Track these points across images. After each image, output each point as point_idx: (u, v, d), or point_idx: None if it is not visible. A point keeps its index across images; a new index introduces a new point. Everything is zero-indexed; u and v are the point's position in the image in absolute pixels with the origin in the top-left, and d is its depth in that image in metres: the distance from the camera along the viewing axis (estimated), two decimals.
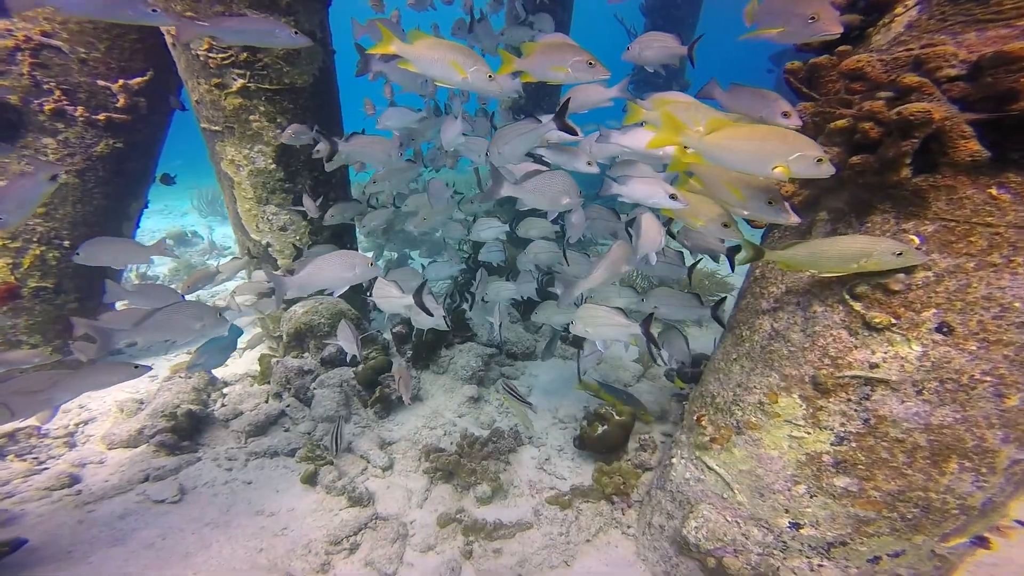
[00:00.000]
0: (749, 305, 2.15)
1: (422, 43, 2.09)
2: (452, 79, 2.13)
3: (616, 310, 2.41)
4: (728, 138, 1.69)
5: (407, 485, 3.05)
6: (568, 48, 2.19)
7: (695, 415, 2.22)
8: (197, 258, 8.69)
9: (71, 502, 2.93)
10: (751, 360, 2.04)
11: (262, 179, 4.04)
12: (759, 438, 1.93)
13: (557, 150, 2.82)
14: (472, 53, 2.11)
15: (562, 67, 2.17)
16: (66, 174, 3.76)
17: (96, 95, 3.73)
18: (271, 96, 3.73)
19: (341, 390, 3.79)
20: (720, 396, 2.13)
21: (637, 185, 2.38)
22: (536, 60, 2.21)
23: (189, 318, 2.51)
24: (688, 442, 2.25)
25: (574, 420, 3.63)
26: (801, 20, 1.67)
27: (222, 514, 2.86)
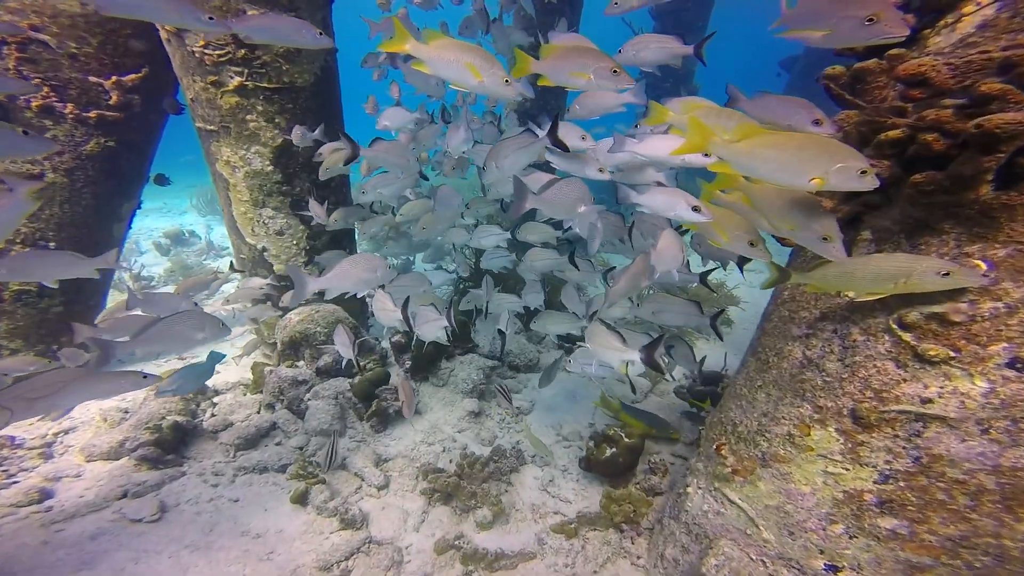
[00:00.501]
0: (776, 329, 1.99)
1: (437, 43, 1.98)
2: (467, 82, 2.02)
3: (616, 333, 2.32)
4: (760, 146, 1.54)
5: (403, 506, 2.88)
6: (590, 53, 2.06)
7: (714, 444, 2.06)
8: (194, 258, 8.55)
9: (38, 520, 2.74)
10: (779, 388, 1.88)
11: (259, 181, 3.90)
12: (788, 472, 1.77)
13: (566, 157, 2.70)
14: (488, 55, 2.01)
15: (583, 73, 2.04)
16: (54, 173, 3.61)
17: (87, 92, 3.59)
18: (270, 95, 3.60)
19: (336, 402, 3.63)
20: (743, 425, 1.98)
21: (657, 195, 2.26)
22: (555, 64, 2.09)
23: (191, 328, 2.42)
24: (706, 471, 2.09)
25: (579, 438, 3.46)
26: (855, 22, 1.50)
27: (204, 535, 2.69)
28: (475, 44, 2.05)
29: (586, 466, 2.96)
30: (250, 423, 3.51)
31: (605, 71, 2.03)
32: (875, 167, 1.38)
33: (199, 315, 2.43)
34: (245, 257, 4.40)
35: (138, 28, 3.63)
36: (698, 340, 4.88)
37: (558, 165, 2.78)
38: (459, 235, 3.90)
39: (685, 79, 10.24)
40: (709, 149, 1.68)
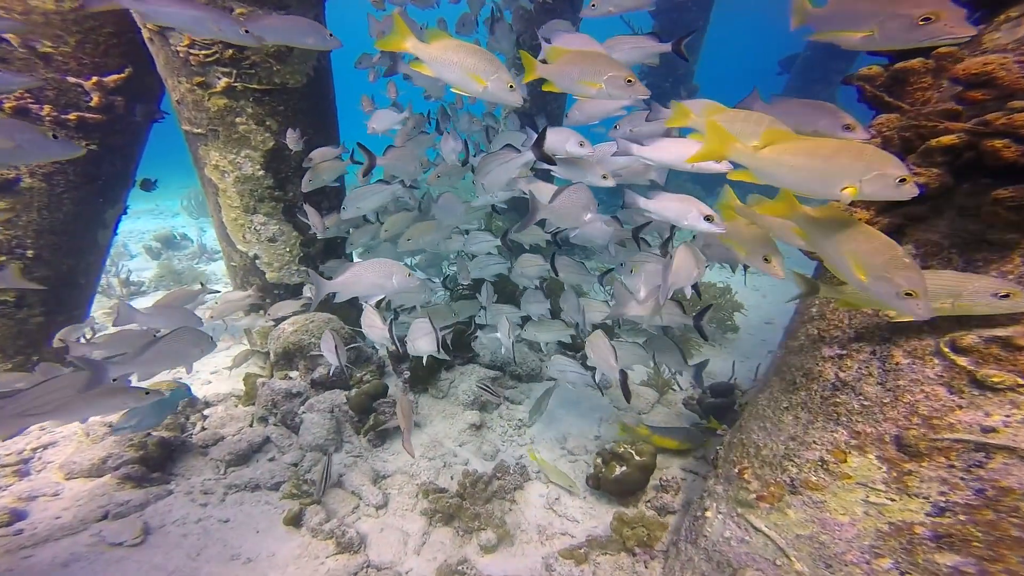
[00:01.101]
0: (804, 348, 1.88)
1: (440, 44, 1.86)
2: (470, 87, 1.90)
3: (611, 348, 2.38)
4: (787, 153, 1.42)
5: (403, 527, 2.74)
6: (602, 60, 1.95)
7: (736, 467, 1.94)
8: (186, 262, 8.37)
9: (3, 546, 2.57)
10: (809, 412, 1.77)
11: (249, 186, 3.75)
12: (822, 500, 1.65)
13: (567, 163, 2.60)
14: (493, 59, 1.90)
15: (594, 82, 1.93)
16: (31, 177, 3.45)
17: (66, 93, 3.43)
18: (260, 97, 3.45)
19: (332, 416, 3.49)
20: (768, 448, 1.86)
21: (667, 202, 2.15)
22: (563, 69, 1.97)
23: (187, 345, 2.32)
24: (726, 495, 1.97)
25: (585, 451, 3.34)
26: (905, 21, 1.36)
27: (190, 560, 2.54)
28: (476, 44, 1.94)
29: (594, 484, 2.84)
30: (242, 438, 3.36)
31: (618, 80, 1.93)
32: (921, 175, 1.26)
33: (192, 331, 2.32)
34: (236, 265, 4.25)
35: (119, 26, 3.47)
36: (702, 347, 4.78)
37: (559, 172, 2.67)
38: (458, 242, 3.78)
39: (684, 79, 10.15)
40: (730, 156, 1.57)
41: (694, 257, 2.05)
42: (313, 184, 3.46)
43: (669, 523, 2.58)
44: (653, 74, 10.03)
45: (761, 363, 4.06)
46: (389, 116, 3.82)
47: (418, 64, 1.89)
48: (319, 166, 3.39)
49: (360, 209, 3.28)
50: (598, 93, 1.96)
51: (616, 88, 1.93)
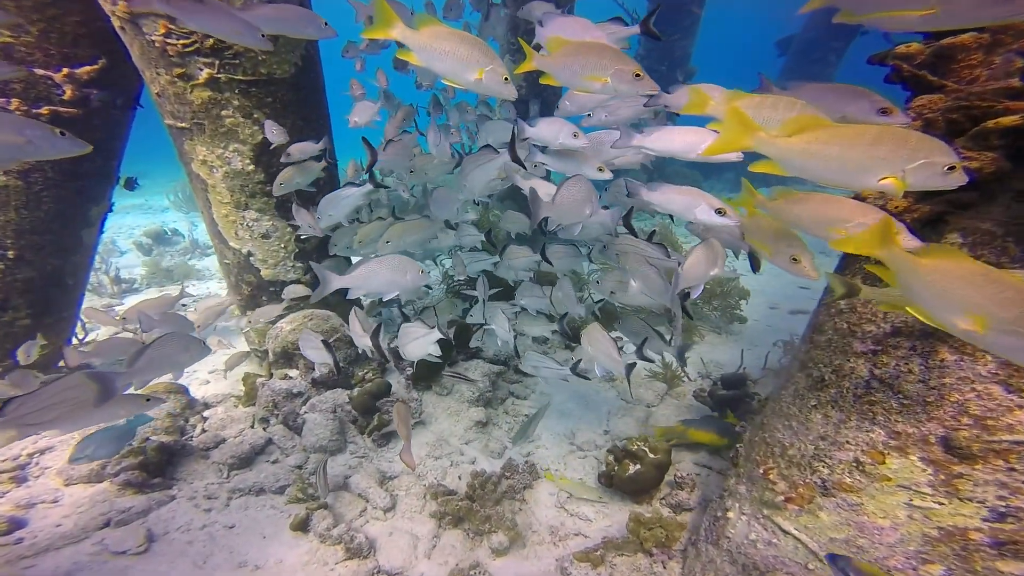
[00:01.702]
0: (832, 343, 1.80)
1: (430, 31, 1.72)
2: (463, 78, 1.77)
3: (612, 341, 2.30)
4: (819, 141, 1.31)
5: (412, 530, 2.69)
6: (608, 53, 1.80)
7: (760, 467, 1.89)
8: (178, 258, 8.21)
9: (3, 555, 2.51)
10: (840, 410, 1.70)
11: (239, 182, 3.62)
12: (859, 503, 1.60)
13: (561, 156, 2.50)
14: (487, 48, 1.77)
15: (600, 76, 1.80)
16: (5, 175, 3.29)
17: (35, 86, 3.24)
18: (246, 88, 3.30)
19: (335, 416, 3.42)
20: (795, 448, 1.80)
21: (672, 194, 2.05)
22: (566, 61, 1.84)
23: (179, 350, 2.23)
24: (750, 496, 1.92)
25: (594, 447, 3.29)
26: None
27: (196, 568, 2.48)
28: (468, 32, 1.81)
29: (606, 482, 2.79)
30: (243, 440, 3.29)
31: (626, 75, 1.79)
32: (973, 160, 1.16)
33: (181, 336, 2.23)
34: (229, 262, 4.13)
35: (87, 15, 3.27)
36: (708, 333, 4.72)
37: (552, 166, 2.56)
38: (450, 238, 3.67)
39: (681, 61, 9.94)
40: (753, 146, 1.47)
41: (712, 255, 1.97)
42: (284, 189, 3.28)
43: (686, 521, 2.54)
44: (649, 57, 9.82)
45: (770, 352, 4.01)
46: (369, 107, 3.70)
47: (406, 53, 1.76)
48: (285, 173, 3.24)
49: (333, 217, 3.15)
50: (603, 88, 1.83)
51: (623, 83, 1.80)
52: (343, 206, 3.12)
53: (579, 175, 2.15)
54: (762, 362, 4.00)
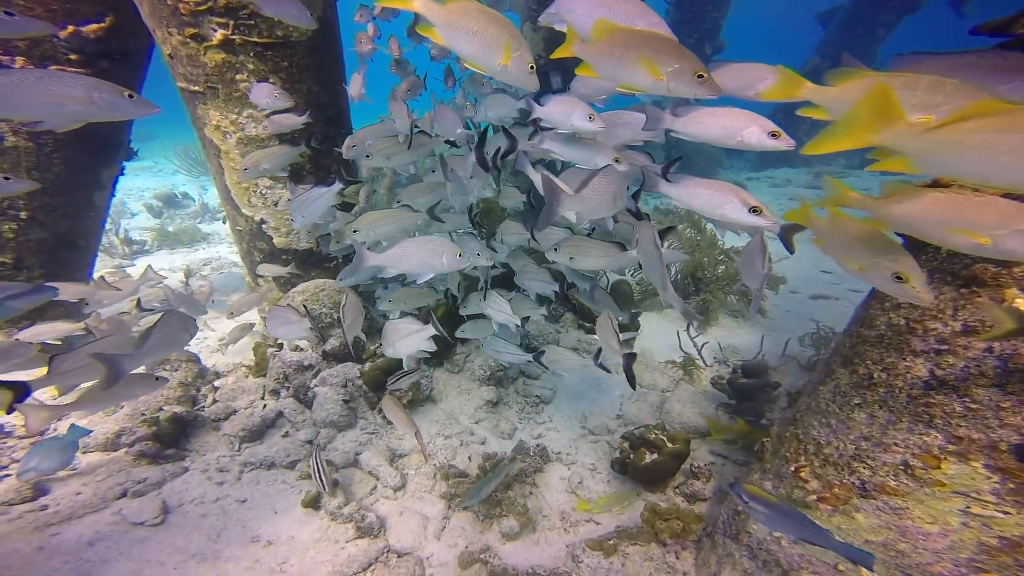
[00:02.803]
0: (884, 339, 1.70)
1: (458, 6, 1.54)
2: (487, 62, 1.60)
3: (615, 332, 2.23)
4: (998, 129, 0.98)
5: (422, 510, 2.70)
6: (669, 47, 1.52)
7: (791, 464, 1.83)
8: (188, 221, 8.17)
9: (32, 522, 2.56)
10: (890, 411, 1.62)
11: (253, 148, 3.51)
12: (903, 507, 1.54)
13: (571, 143, 2.28)
14: (516, 32, 1.59)
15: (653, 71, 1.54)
16: (15, 136, 3.21)
17: (40, 44, 3.13)
18: (261, 51, 3.16)
19: (346, 391, 3.40)
20: (831, 447, 1.73)
21: (696, 189, 1.88)
22: (614, 51, 1.56)
23: (179, 330, 2.17)
24: (777, 493, 1.87)
25: (607, 431, 3.26)
26: None
27: (211, 542, 2.51)
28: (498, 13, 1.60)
29: (619, 469, 2.76)
30: (254, 413, 3.30)
31: (686, 73, 1.50)
32: None
33: (178, 315, 2.18)
34: (242, 229, 4.07)
35: None
36: (725, 318, 4.63)
37: (561, 154, 2.33)
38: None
39: (711, 34, 9.50)
40: (888, 140, 1.14)
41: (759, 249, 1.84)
42: (249, 176, 3.07)
43: (702, 512, 2.51)
44: (677, 30, 9.39)
45: (790, 339, 3.93)
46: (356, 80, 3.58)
47: (427, 28, 1.58)
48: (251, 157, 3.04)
49: (306, 218, 2.98)
50: (653, 86, 1.57)
51: (682, 84, 1.52)
52: (315, 208, 2.94)
53: (610, 166, 1.97)
54: (781, 348, 3.92)
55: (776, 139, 1.65)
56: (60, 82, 1.68)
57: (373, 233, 2.81)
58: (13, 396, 1.83)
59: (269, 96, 3.00)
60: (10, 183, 2.02)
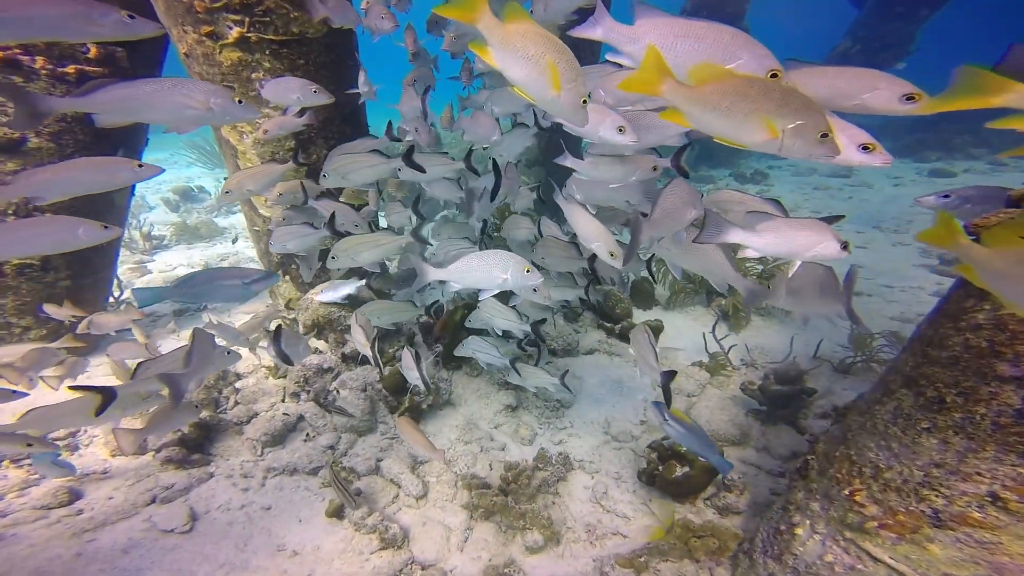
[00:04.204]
0: (961, 361, 1.60)
1: (519, 28, 1.40)
2: (539, 91, 1.47)
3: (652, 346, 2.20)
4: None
5: (444, 520, 2.68)
6: (791, 97, 1.29)
7: (844, 487, 1.75)
8: (205, 215, 8.20)
9: (69, 528, 2.60)
10: (969, 437, 1.52)
11: (270, 148, 3.46)
12: (994, 541, 1.45)
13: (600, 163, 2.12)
14: (575, 62, 1.45)
15: (768, 124, 1.31)
16: (38, 137, 3.19)
17: (57, 43, 3.08)
18: (277, 49, 3.08)
19: (366, 395, 3.39)
20: (893, 471, 1.65)
21: (784, 231, 1.66)
22: (720, 101, 1.33)
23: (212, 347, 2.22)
24: (827, 515, 1.79)
25: (631, 438, 3.20)
26: None
27: (239, 551, 2.52)
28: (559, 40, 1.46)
29: (647, 480, 2.70)
30: (276, 417, 3.30)
31: (809, 133, 1.29)
32: None
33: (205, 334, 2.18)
34: (259, 229, 4.04)
35: None
36: (752, 316, 4.50)
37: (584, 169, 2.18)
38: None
39: (735, 19, 9.15)
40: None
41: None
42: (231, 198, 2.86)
43: (736, 528, 2.45)
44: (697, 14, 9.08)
45: (823, 339, 3.81)
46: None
47: (481, 47, 1.46)
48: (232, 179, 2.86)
49: (288, 248, 2.95)
50: (765, 145, 1.34)
51: (800, 144, 1.31)
52: (297, 244, 2.90)
53: (679, 180, 1.85)
54: (811, 349, 3.80)
55: (869, 153, 1.49)
56: (187, 89, 1.83)
57: (352, 260, 2.72)
58: (103, 400, 1.94)
59: (302, 90, 2.65)
60: None
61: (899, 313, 4.48)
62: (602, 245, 2.09)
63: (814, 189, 9.67)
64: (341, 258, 2.70)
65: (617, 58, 1.59)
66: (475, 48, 1.48)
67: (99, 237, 2.04)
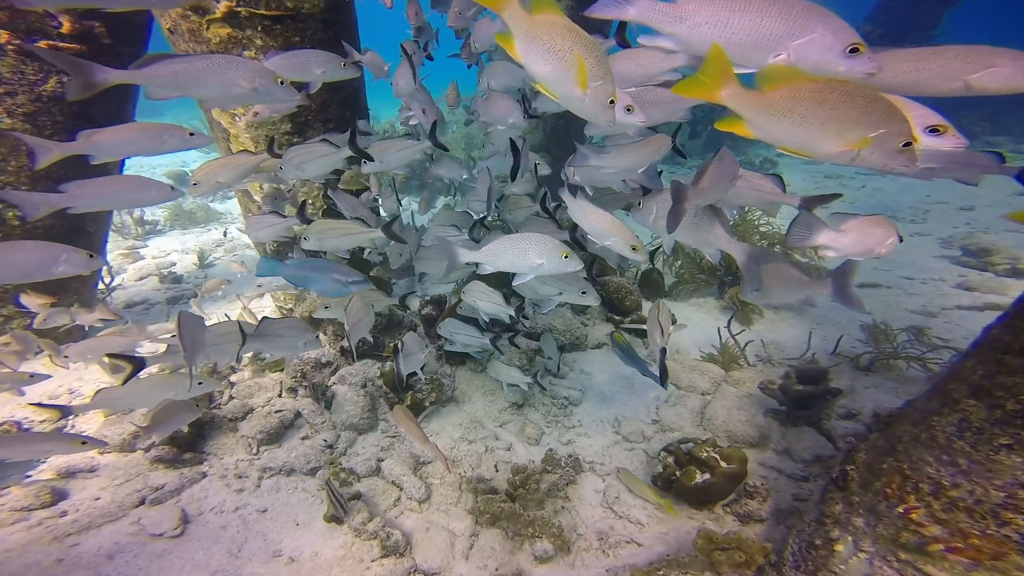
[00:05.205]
0: None
1: (547, 20, 1.29)
2: (564, 89, 1.35)
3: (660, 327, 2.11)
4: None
5: (448, 525, 2.55)
6: (877, 104, 1.14)
7: (896, 503, 1.60)
8: (201, 201, 8.00)
9: (51, 531, 2.47)
10: None
11: (264, 132, 3.26)
12: None
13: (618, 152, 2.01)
14: (603, 59, 1.32)
15: (852, 138, 1.17)
16: (10, 118, 3.00)
17: (25, 16, 2.86)
18: (270, 26, 2.87)
19: (366, 391, 3.24)
20: (961, 489, 1.49)
21: (860, 227, 1.57)
22: (794, 108, 1.18)
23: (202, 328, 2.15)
24: (874, 532, 1.64)
25: (643, 438, 3.06)
26: None
27: (232, 557, 2.39)
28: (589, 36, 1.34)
29: (663, 486, 2.57)
30: (272, 414, 3.16)
31: (890, 141, 1.14)
32: None
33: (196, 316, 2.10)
34: (254, 215, 3.86)
35: None
36: (764, 314, 4.35)
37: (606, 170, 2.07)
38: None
39: None
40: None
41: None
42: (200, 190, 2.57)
43: (759, 535, 2.32)
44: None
45: (843, 335, 3.65)
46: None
47: (506, 38, 1.33)
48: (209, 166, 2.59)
49: (259, 237, 2.91)
50: (841, 156, 1.20)
51: (878, 153, 1.16)
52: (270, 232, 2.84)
53: (726, 149, 1.67)
54: (829, 344, 3.66)
55: (939, 135, 1.33)
56: (235, 67, 1.85)
57: (320, 243, 2.64)
58: (133, 368, 1.99)
59: (328, 63, 2.49)
60: None
61: (921, 307, 4.31)
62: (620, 240, 1.93)
63: (825, 178, 9.45)
64: (311, 240, 2.63)
65: (654, 41, 1.42)
66: (500, 40, 1.35)
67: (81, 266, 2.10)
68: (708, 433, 3.02)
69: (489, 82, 2.80)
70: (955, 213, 6.89)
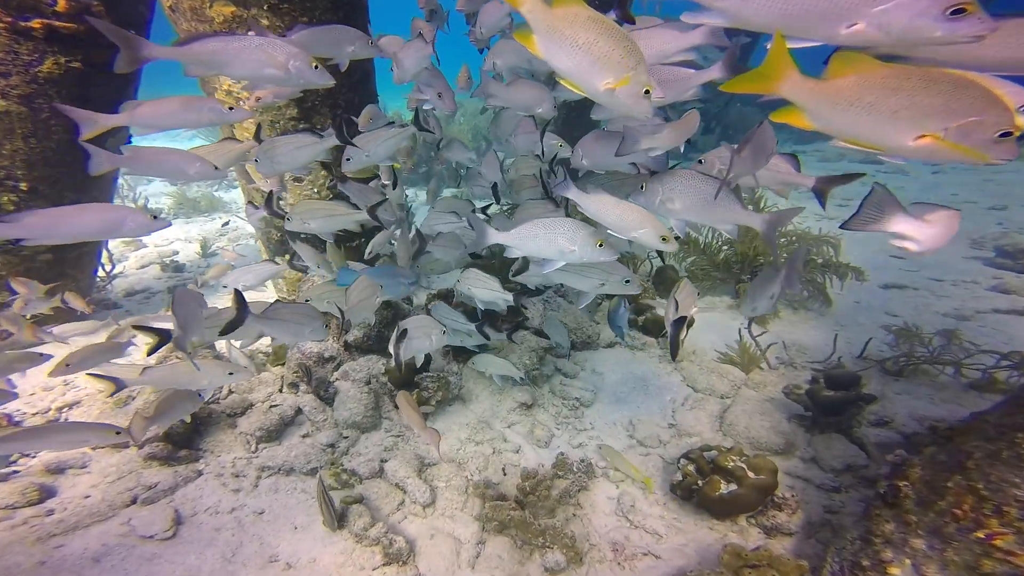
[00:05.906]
0: None
1: (568, 12, 1.23)
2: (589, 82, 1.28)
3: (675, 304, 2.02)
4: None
5: (454, 531, 2.42)
6: (966, 89, 1.01)
7: (972, 528, 1.45)
8: (206, 189, 7.91)
9: (35, 531, 2.35)
10: None
11: (269, 117, 3.14)
12: None
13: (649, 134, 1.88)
14: (633, 47, 1.24)
15: (928, 127, 1.04)
16: (4, 100, 2.88)
17: None
18: (276, 4, 2.73)
19: (369, 389, 3.12)
20: None
21: (946, 219, 1.41)
22: (862, 96, 1.07)
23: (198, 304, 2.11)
24: (941, 557, 1.49)
25: (659, 443, 2.91)
26: None
27: (226, 562, 2.27)
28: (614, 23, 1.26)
29: (683, 495, 2.42)
30: (272, 411, 3.03)
31: (982, 132, 1.00)
32: None
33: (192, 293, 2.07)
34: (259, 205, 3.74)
35: None
36: (783, 309, 4.18)
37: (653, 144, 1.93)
38: None
39: None
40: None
41: None
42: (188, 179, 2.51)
43: (789, 551, 2.17)
44: None
45: (872, 338, 3.48)
46: None
47: (525, 34, 1.27)
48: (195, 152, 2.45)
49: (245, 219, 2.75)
50: (915, 151, 1.07)
51: (967, 141, 1.01)
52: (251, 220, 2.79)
53: (766, 123, 1.57)
54: (855, 347, 3.48)
55: None
56: (270, 49, 1.87)
57: (303, 224, 2.59)
58: (159, 340, 1.98)
59: (357, 40, 2.35)
60: None
61: (952, 309, 4.12)
62: (650, 231, 1.78)
63: None
64: (295, 220, 2.59)
65: (701, 17, 1.29)
66: (520, 37, 1.29)
67: None
68: (728, 439, 2.87)
69: (495, 61, 2.69)
70: (985, 213, 6.64)
